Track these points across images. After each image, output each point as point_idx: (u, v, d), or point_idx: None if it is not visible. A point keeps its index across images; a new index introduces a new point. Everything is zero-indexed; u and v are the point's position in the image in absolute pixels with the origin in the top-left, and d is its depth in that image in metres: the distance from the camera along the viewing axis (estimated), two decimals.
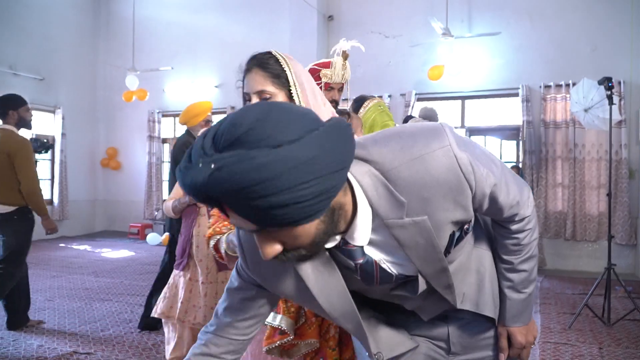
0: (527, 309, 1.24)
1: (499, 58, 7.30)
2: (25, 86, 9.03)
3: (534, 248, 1.21)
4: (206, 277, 2.95)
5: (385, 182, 0.93)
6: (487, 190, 1.02)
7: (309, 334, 1.41)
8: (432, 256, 1.00)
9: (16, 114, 3.83)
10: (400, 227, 0.95)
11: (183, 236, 3.05)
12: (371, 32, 8.07)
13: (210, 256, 2.92)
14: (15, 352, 3.53)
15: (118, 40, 10.24)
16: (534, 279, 1.24)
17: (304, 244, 0.87)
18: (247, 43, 8.94)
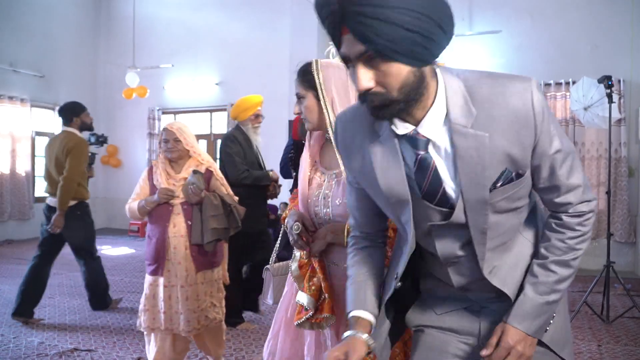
0: (538, 317, 1.15)
1: (499, 56, 7.31)
2: (25, 83, 9.04)
3: (574, 257, 1.17)
4: (185, 280, 2.82)
5: (465, 93, 1.06)
6: (549, 150, 1.09)
7: (325, 309, 1.58)
8: (478, 179, 1.07)
9: (79, 119, 4.37)
10: (462, 134, 1.05)
11: (155, 238, 2.86)
12: None
13: (188, 256, 2.82)
14: (16, 349, 3.54)
15: (118, 37, 10.24)
16: (561, 291, 1.17)
17: (393, 85, 0.99)
18: (248, 41, 8.95)
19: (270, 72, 8.67)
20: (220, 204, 2.88)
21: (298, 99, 1.69)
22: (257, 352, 3.52)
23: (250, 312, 4.26)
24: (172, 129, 2.91)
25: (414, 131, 1.08)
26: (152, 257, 2.86)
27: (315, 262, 1.65)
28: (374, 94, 1.00)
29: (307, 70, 1.68)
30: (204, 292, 2.88)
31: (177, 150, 2.90)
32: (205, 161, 2.99)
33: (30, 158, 9.19)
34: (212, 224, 2.82)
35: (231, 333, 3.93)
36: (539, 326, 1.16)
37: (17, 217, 8.95)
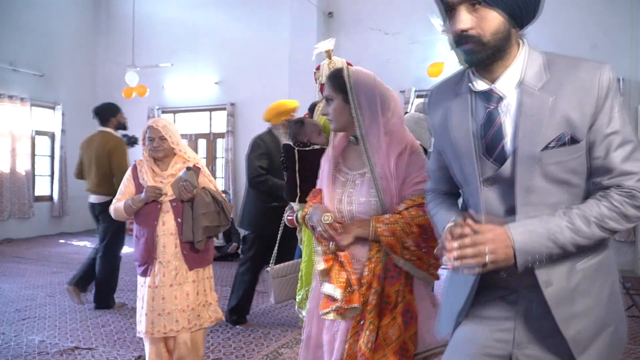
0: (532, 242, 1.13)
1: None
2: (25, 82, 9.04)
3: (599, 224, 1.14)
4: (175, 279, 2.74)
5: (543, 62, 1.20)
6: (606, 129, 1.16)
7: (353, 300, 1.67)
8: (534, 135, 1.16)
9: (115, 119, 4.72)
10: (530, 94, 1.18)
11: (143, 238, 2.76)
12: (371, 29, 8.07)
13: (178, 256, 2.74)
14: (17, 347, 3.55)
15: (118, 36, 10.23)
16: (567, 245, 1.14)
17: (487, 29, 1.15)
18: (247, 40, 8.94)
19: (269, 71, 8.67)
20: (212, 201, 2.80)
21: (327, 101, 1.80)
22: (257, 350, 3.53)
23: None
24: (157, 127, 2.77)
25: (490, 88, 1.22)
26: (141, 258, 2.77)
27: (342, 256, 1.74)
28: (469, 36, 1.16)
29: (337, 74, 1.80)
30: (195, 290, 2.80)
31: (162, 149, 2.78)
32: (191, 159, 2.88)
33: (30, 157, 9.19)
34: (203, 221, 2.74)
35: (231, 332, 3.94)
36: (527, 249, 1.13)
37: (17, 216, 8.96)
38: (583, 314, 1.22)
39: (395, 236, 1.64)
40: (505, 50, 1.20)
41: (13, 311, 4.46)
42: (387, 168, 1.71)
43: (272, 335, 3.88)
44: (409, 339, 1.67)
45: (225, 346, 3.62)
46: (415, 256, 1.67)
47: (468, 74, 1.28)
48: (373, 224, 1.68)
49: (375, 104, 1.74)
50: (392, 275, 1.69)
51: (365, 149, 1.72)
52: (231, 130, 9.08)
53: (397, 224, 1.65)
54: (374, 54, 8.05)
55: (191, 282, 2.78)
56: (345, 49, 8.35)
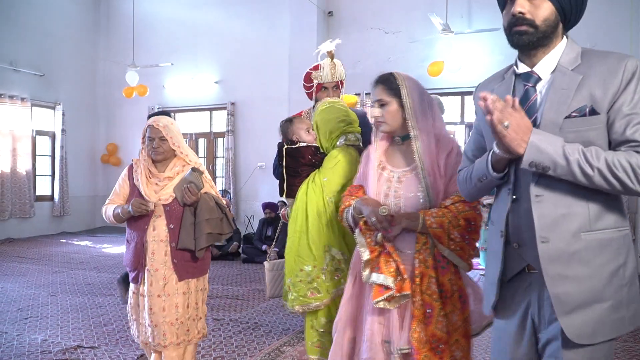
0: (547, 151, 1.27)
1: (499, 54, 7.32)
2: (25, 82, 9.06)
3: (608, 167, 1.25)
4: (163, 289, 2.53)
5: (579, 52, 1.40)
6: (626, 109, 1.30)
7: (404, 288, 1.80)
8: (559, 105, 1.34)
9: None
10: (562, 73, 1.37)
11: (133, 243, 2.59)
12: (370, 28, 8.08)
13: (168, 264, 2.54)
14: (20, 347, 3.56)
15: (118, 36, 10.25)
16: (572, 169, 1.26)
17: (540, 16, 1.36)
18: (247, 39, 8.96)
19: (269, 70, 8.69)
20: (216, 207, 2.59)
21: (380, 105, 1.94)
22: (258, 348, 3.55)
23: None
24: (157, 127, 2.58)
25: (530, 70, 1.43)
26: (131, 264, 2.60)
27: (389, 247, 1.87)
28: (523, 18, 1.37)
29: (389, 79, 1.96)
30: (185, 303, 2.58)
31: (162, 152, 2.60)
32: (192, 162, 2.68)
33: (31, 157, 9.20)
34: (206, 228, 2.53)
35: (233, 330, 3.96)
36: (539, 147, 1.28)
37: (18, 216, 8.97)
38: (575, 278, 1.30)
39: (443, 228, 1.79)
40: (550, 38, 1.39)
41: (15, 310, 4.48)
42: (435, 166, 1.87)
43: (273, 333, 3.90)
44: (465, 319, 1.86)
45: (227, 344, 3.64)
46: (458, 246, 1.82)
47: (514, 62, 1.51)
48: (422, 217, 1.81)
49: (424, 107, 1.92)
50: (443, 266, 1.84)
51: (417, 148, 1.87)
52: (231, 129, 9.09)
53: (444, 217, 1.80)
54: (373, 52, 8.06)
55: (181, 294, 2.56)
56: (345, 47, 8.35)
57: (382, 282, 1.82)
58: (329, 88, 3.19)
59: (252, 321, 4.22)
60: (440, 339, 1.79)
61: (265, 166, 8.68)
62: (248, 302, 4.86)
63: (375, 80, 2.01)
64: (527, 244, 1.37)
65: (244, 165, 9.11)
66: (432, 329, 1.79)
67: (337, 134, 2.51)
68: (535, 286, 1.40)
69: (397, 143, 2.00)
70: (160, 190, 2.59)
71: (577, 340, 1.30)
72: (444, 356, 1.79)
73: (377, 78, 2.01)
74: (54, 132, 9.74)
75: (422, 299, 1.81)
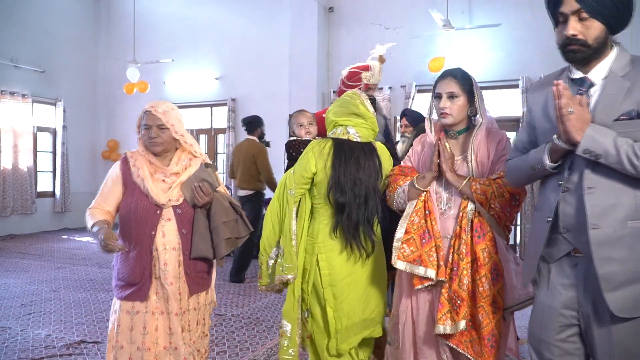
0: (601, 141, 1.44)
1: (500, 49, 7.32)
2: (26, 78, 9.06)
3: None
4: (179, 306, 2.15)
5: (629, 60, 1.57)
6: None
7: (440, 274, 2.00)
8: (608, 110, 1.50)
9: (260, 130, 5.61)
10: (612, 79, 1.54)
11: (134, 252, 2.14)
12: (371, 24, 8.08)
13: (181, 276, 2.16)
14: (24, 342, 3.59)
15: (118, 32, 10.24)
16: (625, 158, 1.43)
17: (591, 36, 1.52)
18: (248, 35, 8.96)
19: (270, 66, 8.69)
20: (230, 208, 2.25)
21: (449, 97, 2.05)
22: (261, 343, 3.57)
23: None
24: (156, 113, 2.16)
25: (584, 76, 1.58)
26: (130, 276, 2.14)
27: (436, 231, 2.04)
28: (576, 39, 1.53)
29: (461, 75, 2.10)
30: (195, 320, 2.25)
31: (161, 142, 2.18)
32: (198, 154, 2.29)
33: (32, 153, 9.21)
34: (225, 232, 2.18)
35: (235, 325, 3.99)
36: (594, 137, 1.46)
37: (19, 212, 9.00)
38: (618, 260, 1.48)
39: (486, 196, 1.95)
40: (601, 51, 1.56)
41: (18, 306, 4.51)
42: (485, 151, 2.06)
43: (275, 328, 3.92)
44: (497, 292, 1.95)
45: (229, 339, 3.67)
46: (497, 214, 1.97)
47: (567, 68, 1.66)
48: (469, 180, 1.99)
49: (483, 102, 2.11)
50: (479, 235, 1.96)
51: (474, 138, 2.06)
52: (232, 125, 9.10)
53: (490, 187, 1.96)
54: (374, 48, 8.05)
55: (193, 310, 2.22)
56: (346, 43, 8.36)
57: (423, 274, 2.01)
58: (372, 88, 3.30)
59: (253, 316, 4.24)
60: (459, 296, 1.93)
61: None
62: (249, 298, 4.89)
63: (444, 73, 2.12)
64: (575, 230, 1.54)
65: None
66: (455, 286, 1.95)
67: (331, 127, 2.46)
68: (581, 267, 1.56)
69: (452, 137, 2.14)
70: (168, 189, 2.17)
71: (619, 313, 1.47)
72: (460, 312, 1.92)
73: (448, 71, 2.13)
74: (55, 128, 9.75)
75: (452, 259, 1.99)
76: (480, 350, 1.93)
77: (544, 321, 1.64)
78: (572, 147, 1.50)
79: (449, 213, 2.05)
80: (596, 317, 1.53)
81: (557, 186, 1.59)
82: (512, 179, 1.82)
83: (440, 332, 1.95)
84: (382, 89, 7.82)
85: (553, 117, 1.56)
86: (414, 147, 2.28)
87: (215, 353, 3.39)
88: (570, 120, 1.46)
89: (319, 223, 2.34)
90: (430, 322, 2.06)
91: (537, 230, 1.68)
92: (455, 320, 1.93)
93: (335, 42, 8.41)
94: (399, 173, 2.23)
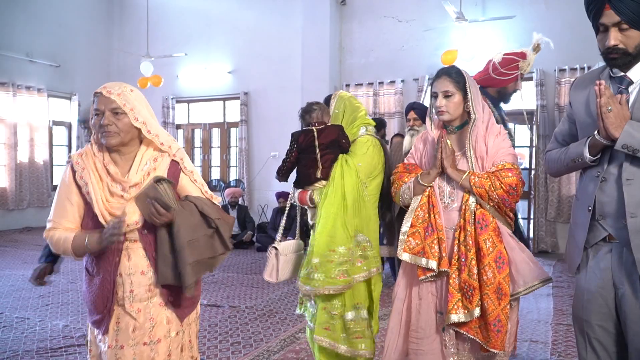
0: (638, 137, 1.56)
1: (513, 42, 7.24)
2: (41, 73, 9.17)
3: None
4: (151, 334, 1.80)
5: None
6: None
7: (443, 265, 2.09)
8: None
9: (383, 130, 5.62)
10: None
11: (99, 277, 1.80)
12: (384, 17, 8.05)
13: (155, 301, 1.82)
14: (42, 332, 3.67)
15: (132, 26, 10.30)
16: None
17: (631, 44, 1.62)
18: (260, 28, 8.97)
19: (282, 60, 8.70)
20: (201, 221, 1.80)
21: (445, 96, 2.14)
22: (274, 335, 3.61)
23: None
24: (109, 95, 1.78)
25: (624, 74, 1.68)
26: (93, 303, 1.81)
27: (438, 224, 2.12)
28: (617, 49, 1.62)
29: (455, 73, 2.17)
30: (179, 346, 1.90)
31: (116, 132, 1.75)
32: (166, 147, 1.85)
33: (48, 147, 9.34)
34: (190, 255, 1.74)
35: (249, 317, 4.03)
36: (631, 134, 1.57)
37: (35, 205, 9.14)
38: None
39: (485, 189, 2.04)
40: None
41: (36, 297, 4.59)
42: (483, 146, 2.13)
43: (288, 320, 3.96)
44: (503, 279, 2.04)
45: (243, 330, 3.71)
46: (497, 205, 2.08)
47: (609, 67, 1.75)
48: (468, 174, 2.08)
49: (479, 99, 2.17)
50: (481, 226, 2.06)
51: (471, 134, 2.13)
52: (245, 119, 9.14)
53: (488, 179, 2.05)
54: (387, 41, 8.03)
55: (174, 336, 1.87)
56: (358, 36, 8.35)
57: (425, 265, 2.10)
58: (520, 80, 3.33)
59: (267, 308, 4.28)
60: (471, 285, 2.04)
61: (278, 156, 8.72)
62: (263, 290, 4.93)
63: (439, 72, 2.19)
64: (610, 217, 1.67)
65: (257, 155, 9.16)
66: (465, 276, 2.04)
67: (359, 123, 2.61)
68: (615, 252, 1.68)
69: (451, 132, 2.22)
70: (126, 205, 1.75)
71: None
72: (473, 300, 2.02)
73: (442, 70, 2.19)
74: (70, 122, 9.86)
75: (459, 250, 2.07)
76: (487, 335, 2.03)
77: (584, 303, 1.78)
78: (611, 143, 1.61)
79: (452, 206, 2.15)
80: (630, 298, 1.64)
81: (595, 177, 1.72)
82: (552, 170, 1.95)
83: (454, 321, 2.03)
84: (394, 82, 7.81)
85: (594, 113, 1.66)
86: (416, 144, 2.38)
87: (230, 344, 3.44)
88: (609, 118, 1.58)
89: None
90: (430, 312, 2.16)
91: (579, 218, 1.80)
92: (469, 309, 2.03)
93: (347, 35, 8.39)
94: (403, 170, 2.32)
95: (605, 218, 1.69)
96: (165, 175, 1.82)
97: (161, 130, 1.86)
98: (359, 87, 8.15)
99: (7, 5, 8.62)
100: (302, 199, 2.62)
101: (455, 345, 2.12)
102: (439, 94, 2.16)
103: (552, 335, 3.64)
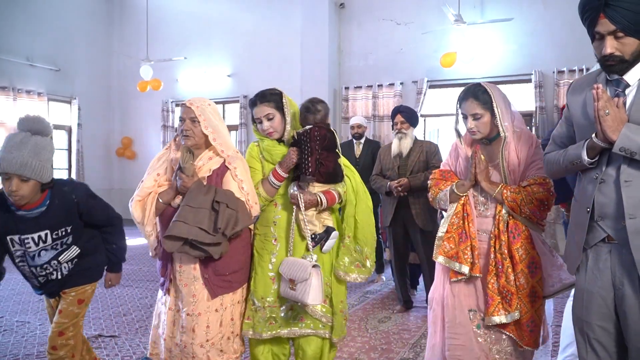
0: (636, 140, 1.57)
1: (512, 44, 7.28)
2: (41, 77, 9.19)
3: None
4: (193, 307, 2.20)
5: None
6: None
7: (475, 270, 2.21)
8: None
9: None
10: None
11: (161, 248, 2.26)
12: (382, 19, 8.07)
13: (198, 279, 2.21)
14: (42, 336, 3.66)
15: (131, 30, 10.33)
16: None
17: (627, 52, 1.62)
18: (259, 32, 8.99)
19: (282, 63, 8.72)
20: (210, 198, 2.12)
21: (475, 119, 2.21)
22: None
23: None
24: (190, 106, 2.23)
25: (620, 77, 1.68)
26: (159, 269, 2.36)
27: (472, 232, 2.23)
28: (614, 56, 1.63)
29: (480, 92, 2.22)
30: (218, 321, 2.25)
31: (191, 135, 2.23)
32: (225, 154, 2.26)
33: None
34: (184, 215, 2.08)
35: None
36: (629, 136, 1.58)
37: None
38: None
39: (516, 203, 2.14)
40: (637, 60, 1.65)
41: (37, 301, 4.59)
42: (515, 159, 2.22)
43: None
44: (536, 283, 2.17)
45: None
46: (528, 217, 2.16)
47: None
48: (501, 188, 2.17)
49: (508, 112, 2.24)
50: (514, 235, 2.17)
51: (503, 147, 2.20)
52: (244, 122, 9.15)
53: (520, 194, 2.14)
54: (385, 44, 8.05)
55: (213, 312, 2.23)
56: (357, 39, 8.37)
57: (457, 269, 2.23)
58: None
59: None
60: (509, 291, 2.15)
61: None
62: None
63: (466, 93, 2.24)
64: (609, 218, 1.68)
65: None
66: (503, 282, 2.16)
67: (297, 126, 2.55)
68: (615, 253, 1.70)
69: (484, 144, 2.30)
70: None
71: None
72: (512, 304, 2.14)
73: (469, 91, 2.24)
74: (70, 126, 9.87)
75: (495, 258, 2.18)
76: (521, 334, 2.17)
77: (584, 304, 1.79)
78: (609, 146, 1.62)
79: (487, 214, 2.26)
80: (630, 298, 1.65)
81: (593, 179, 1.73)
82: (550, 172, 1.97)
83: (497, 322, 2.16)
84: (393, 85, 7.83)
85: (591, 116, 1.68)
86: (450, 154, 2.48)
87: None
88: (606, 121, 1.60)
89: None
90: (460, 308, 2.28)
91: (578, 219, 1.82)
92: (509, 311, 2.15)
93: (346, 38, 8.42)
94: (439, 177, 2.43)
95: (604, 219, 1.70)
96: (209, 173, 2.24)
97: (227, 140, 2.30)
98: (358, 89, 8.16)
99: (7, 8, 8.65)
100: (333, 198, 2.38)
101: (490, 342, 2.25)
102: (469, 117, 2.24)
103: (553, 337, 3.64)
